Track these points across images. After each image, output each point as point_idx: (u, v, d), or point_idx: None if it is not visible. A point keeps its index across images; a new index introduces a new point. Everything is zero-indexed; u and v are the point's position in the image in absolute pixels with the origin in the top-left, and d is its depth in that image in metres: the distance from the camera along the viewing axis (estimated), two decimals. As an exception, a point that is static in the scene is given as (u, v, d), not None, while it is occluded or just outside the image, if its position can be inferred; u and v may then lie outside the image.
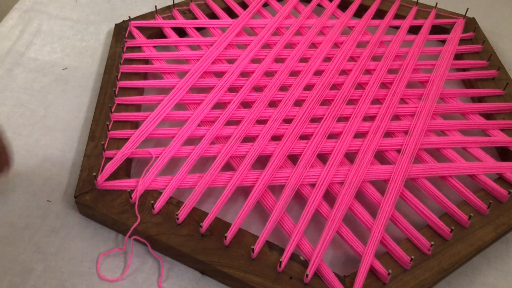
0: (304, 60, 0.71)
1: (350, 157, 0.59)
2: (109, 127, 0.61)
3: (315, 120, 0.63)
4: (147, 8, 0.83)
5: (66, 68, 0.73)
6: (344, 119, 0.64)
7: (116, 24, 0.76)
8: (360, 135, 0.62)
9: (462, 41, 0.75)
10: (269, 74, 0.69)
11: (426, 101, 0.65)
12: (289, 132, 0.61)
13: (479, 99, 0.68)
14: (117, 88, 0.66)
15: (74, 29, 0.80)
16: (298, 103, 0.65)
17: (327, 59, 0.71)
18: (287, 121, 0.63)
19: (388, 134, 0.62)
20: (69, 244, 0.54)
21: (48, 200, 0.57)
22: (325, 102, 0.66)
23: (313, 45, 0.73)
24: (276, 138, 0.61)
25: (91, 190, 0.55)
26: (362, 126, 0.62)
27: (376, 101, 0.66)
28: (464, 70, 0.72)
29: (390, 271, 0.48)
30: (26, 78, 0.71)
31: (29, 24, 0.79)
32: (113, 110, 0.63)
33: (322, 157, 0.59)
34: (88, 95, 0.70)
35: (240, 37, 0.74)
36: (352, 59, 0.72)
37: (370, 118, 0.64)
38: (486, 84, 0.69)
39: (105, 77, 0.68)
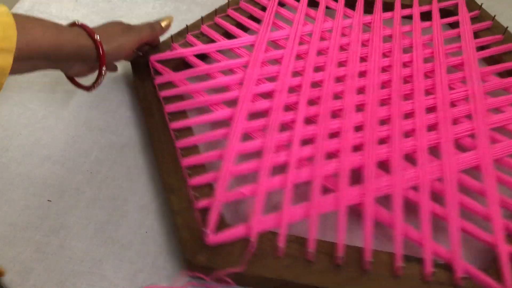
0: (341, 64, 0.70)
1: (434, 152, 0.60)
2: (187, 176, 0.55)
3: (383, 122, 0.63)
4: (148, 9, 0.83)
5: None
6: (408, 116, 0.64)
7: (132, 61, 0.70)
8: (431, 128, 0.62)
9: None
10: (315, 85, 0.67)
11: (472, 82, 0.67)
12: (368, 140, 0.60)
13: (508, 73, 0.72)
14: (171, 131, 0.60)
15: (75, 29, 0.79)
16: (359, 109, 0.64)
17: (363, 59, 0.71)
18: (358, 129, 0.62)
19: (455, 121, 0.63)
20: (69, 243, 0.54)
21: (48, 200, 0.57)
22: (383, 103, 0.65)
23: (343, 48, 0.73)
24: (357, 148, 0.60)
25: (202, 248, 0.50)
26: (429, 118, 0.63)
27: (428, 92, 0.67)
28: (482, 48, 0.75)
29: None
30: (27, 77, 0.70)
31: (29, 24, 0.79)
32: (179, 156, 0.58)
33: (409, 158, 0.59)
34: (89, 95, 0.69)
35: (269, 52, 0.71)
36: (384, 55, 0.72)
37: (430, 110, 0.65)
38: (510, 57, 0.73)
39: (149, 120, 0.62)
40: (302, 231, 0.53)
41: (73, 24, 0.56)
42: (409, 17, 0.79)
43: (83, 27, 0.56)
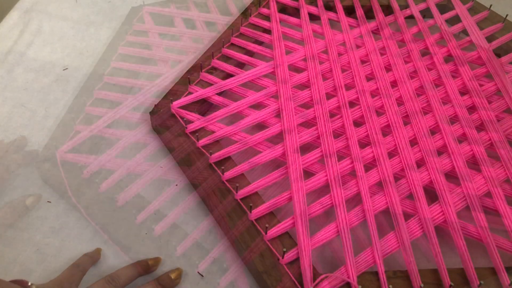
0: (369, 78, 0.68)
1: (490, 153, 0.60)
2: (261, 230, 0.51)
3: (433, 132, 0.61)
4: (147, 9, 0.81)
5: (67, 68, 0.72)
6: (454, 120, 0.63)
7: (151, 112, 0.64)
8: (479, 129, 0.62)
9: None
10: (351, 104, 0.65)
11: (497, 76, 0.68)
12: (426, 153, 0.58)
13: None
14: (227, 184, 0.56)
15: (74, 29, 0.79)
16: (405, 121, 0.62)
17: (387, 68, 0.69)
18: (413, 143, 0.60)
19: (497, 118, 0.63)
20: (69, 244, 0.54)
21: (48, 201, 0.57)
22: (425, 111, 0.64)
23: (363, 61, 0.71)
24: (419, 164, 0.58)
25: None
26: (474, 119, 0.63)
27: (461, 92, 0.67)
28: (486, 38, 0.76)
29: None
30: (27, 78, 0.71)
31: (29, 24, 0.78)
32: (246, 210, 0.53)
33: (470, 164, 0.59)
34: (89, 96, 0.68)
35: (294, 77, 0.67)
36: (405, 61, 0.71)
37: (471, 110, 0.64)
38: (518, 44, 0.75)
39: (197, 177, 0.57)
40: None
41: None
42: (408, 17, 0.79)
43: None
